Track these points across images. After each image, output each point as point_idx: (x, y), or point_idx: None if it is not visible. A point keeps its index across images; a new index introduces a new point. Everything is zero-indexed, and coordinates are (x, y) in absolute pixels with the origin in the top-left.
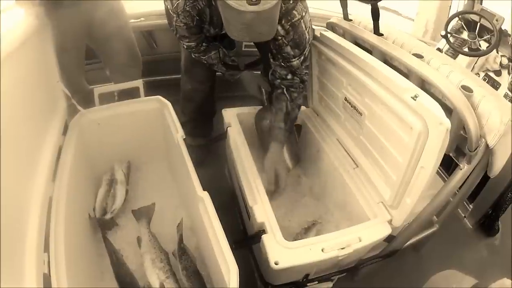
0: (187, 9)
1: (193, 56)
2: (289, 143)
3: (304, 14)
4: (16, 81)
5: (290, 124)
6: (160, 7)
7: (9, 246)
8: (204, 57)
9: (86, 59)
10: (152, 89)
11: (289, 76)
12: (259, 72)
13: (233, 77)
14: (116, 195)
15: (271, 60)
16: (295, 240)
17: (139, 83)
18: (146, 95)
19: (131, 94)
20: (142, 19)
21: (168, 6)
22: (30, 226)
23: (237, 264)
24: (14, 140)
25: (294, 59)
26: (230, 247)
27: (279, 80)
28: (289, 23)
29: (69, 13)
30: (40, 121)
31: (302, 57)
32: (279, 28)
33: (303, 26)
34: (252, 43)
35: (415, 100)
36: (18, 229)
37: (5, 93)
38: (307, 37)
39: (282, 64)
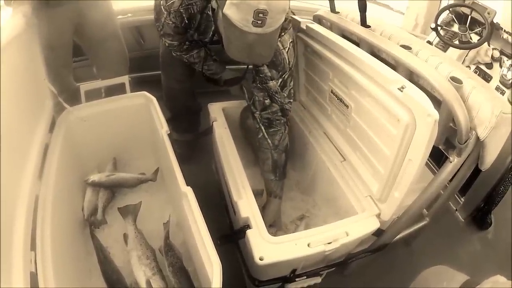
0: (181, 10)
1: (174, 54)
2: None
3: (283, 34)
4: (3, 79)
5: (280, 172)
6: (146, 3)
7: None
8: (185, 56)
9: (74, 56)
10: (140, 84)
11: (267, 101)
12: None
13: (214, 76)
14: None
15: (251, 83)
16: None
17: (124, 79)
18: (133, 91)
19: (118, 90)
20: (130, 15)
21: (162, 2)
22: (17, 225)
23: (224, 260)
24: (0, 138)
25: (271, 81)
26: (216, 243)
27: (258, 113)
28: None
29: (56, 12)
30: (27, 119)
31: (281, 80)
32: None
33: (280, 45)
34: None
35: (402, 91)
36: (5, 228)
37: None
38: (286, 58)
39: (259, 85)
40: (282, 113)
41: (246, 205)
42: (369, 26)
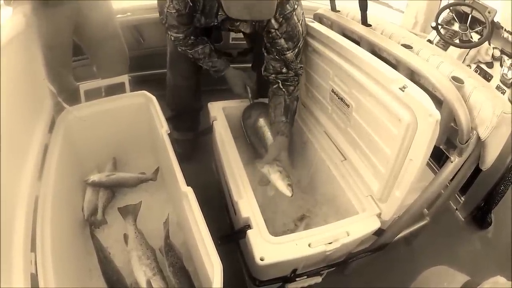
0: None
1: (179, 49)
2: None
3: (296, 7)
4: (2, 78)
5: (291, 116)
6: (145, 2)
7: None
8: (190, 51)
9: (73, 56)
10: (139, 83)
11: (284, 70)
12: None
13: (218, 73)
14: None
15: (265, 54)
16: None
17: (124, 78)
18: (133, 90)
19: (118, 89)
20: (129, 14)
21: None
22: (17, 226)
23: (224, 259)
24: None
25: (288, 52)
26: (216, 243)
27: (274, 75)
28: (282, 16)
29: (56, 11)
30: (26, 119)
31: (296, 50)
32: (272, 21)
33: (296, 18)
34: (239, 37)
35: (403, 91)
36: (5, 229)
37: None
38: (300, 30)
39: (277, 57)
40: (296, 76)
41: (247, 205)
42: (370, 25)
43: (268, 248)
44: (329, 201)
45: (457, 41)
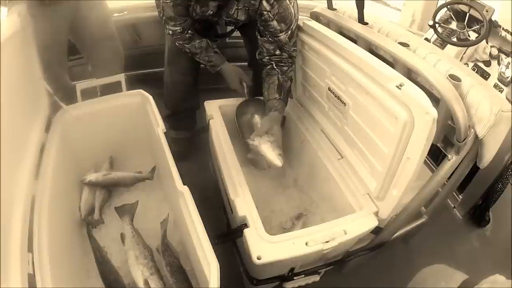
0: None
1: (177, 44)
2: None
3: None
4: None
5: (285, 94)
6: (142, 0)
7: None
8: (188, 45)
9: (69, 55)
10: (136, 83)
11: (277, 52)
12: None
13: (214, 68)
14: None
15: (259, 37)
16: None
17: (120, 77)
18: (130, 89)
19: (114, 89)
20: (125, 12)
21: None
22: (14, 226)
23: (221, 259)
24: None
25: (281, 34)
26: (213, 242)
27: (268, 57)
28: None
29: (51, 10)
30: (23, 118)
31: (289, 32)
32: (264, 2)
33: (287, 0)
34: (236, 35)
35: (400, 89)
36: (2, 229)
37: None
38: (293, 12)
39: (270, 39)
40: (290, 58)
41: (243, 204)
42: (366, 23)
43: (265, 247)
44: (326, 199)
45: (454, 39)
